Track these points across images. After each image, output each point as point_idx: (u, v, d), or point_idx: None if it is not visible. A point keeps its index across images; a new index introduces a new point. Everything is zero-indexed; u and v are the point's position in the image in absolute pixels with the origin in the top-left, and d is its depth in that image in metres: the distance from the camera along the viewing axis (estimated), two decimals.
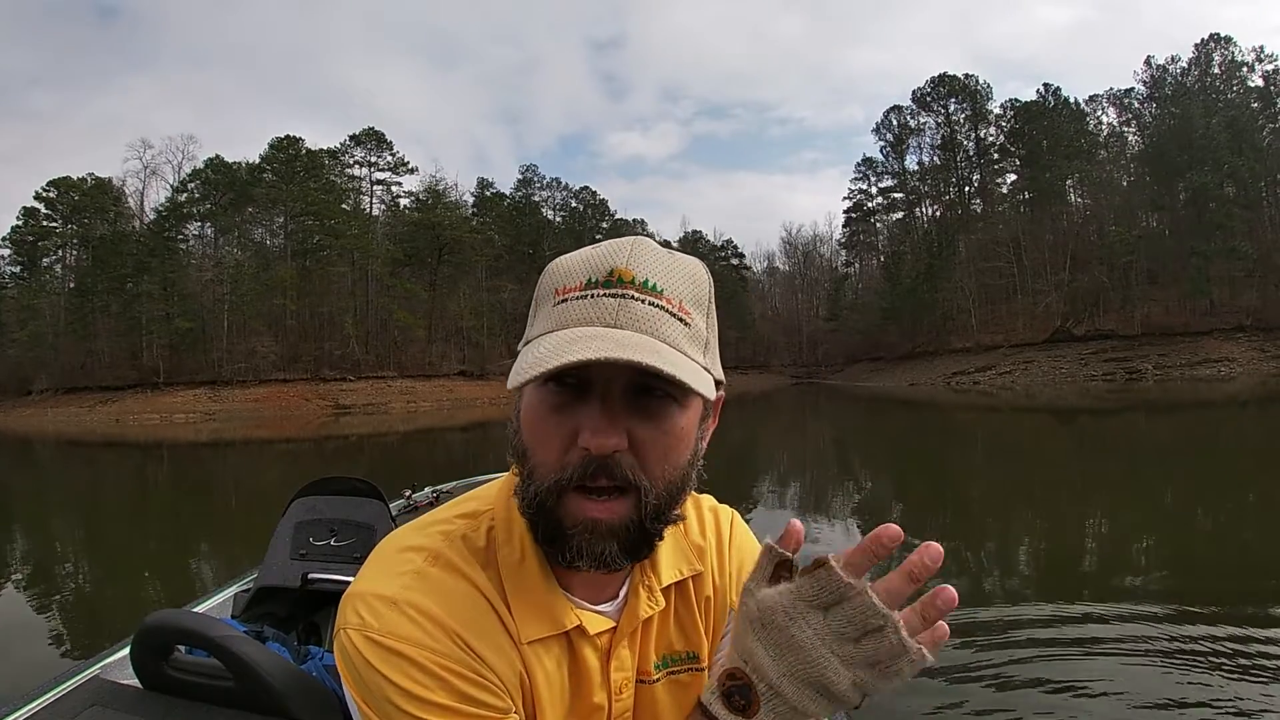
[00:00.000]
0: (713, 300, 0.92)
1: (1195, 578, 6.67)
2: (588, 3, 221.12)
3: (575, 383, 0.83)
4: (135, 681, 2.08)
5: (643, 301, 0.85)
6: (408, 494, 4.39)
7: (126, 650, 2.13)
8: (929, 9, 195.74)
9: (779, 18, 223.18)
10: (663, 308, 0.85)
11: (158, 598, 7.81)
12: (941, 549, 0.71)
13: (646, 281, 0.86)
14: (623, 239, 0.90)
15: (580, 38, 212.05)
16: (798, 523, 0.77)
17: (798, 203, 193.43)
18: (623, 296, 0.84)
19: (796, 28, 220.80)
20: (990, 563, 7.94)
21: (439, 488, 4.61)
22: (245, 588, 3.17)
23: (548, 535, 0.87)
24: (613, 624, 0.98)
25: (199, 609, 2.89)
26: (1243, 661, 4.65)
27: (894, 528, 0.71)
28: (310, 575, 2.98)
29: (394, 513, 3.46)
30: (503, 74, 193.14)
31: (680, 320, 0.86)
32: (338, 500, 3.31)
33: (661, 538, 0.92)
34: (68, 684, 2.12)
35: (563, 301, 0.86)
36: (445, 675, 0.84)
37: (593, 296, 0.85)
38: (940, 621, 0.73)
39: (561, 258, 0.91)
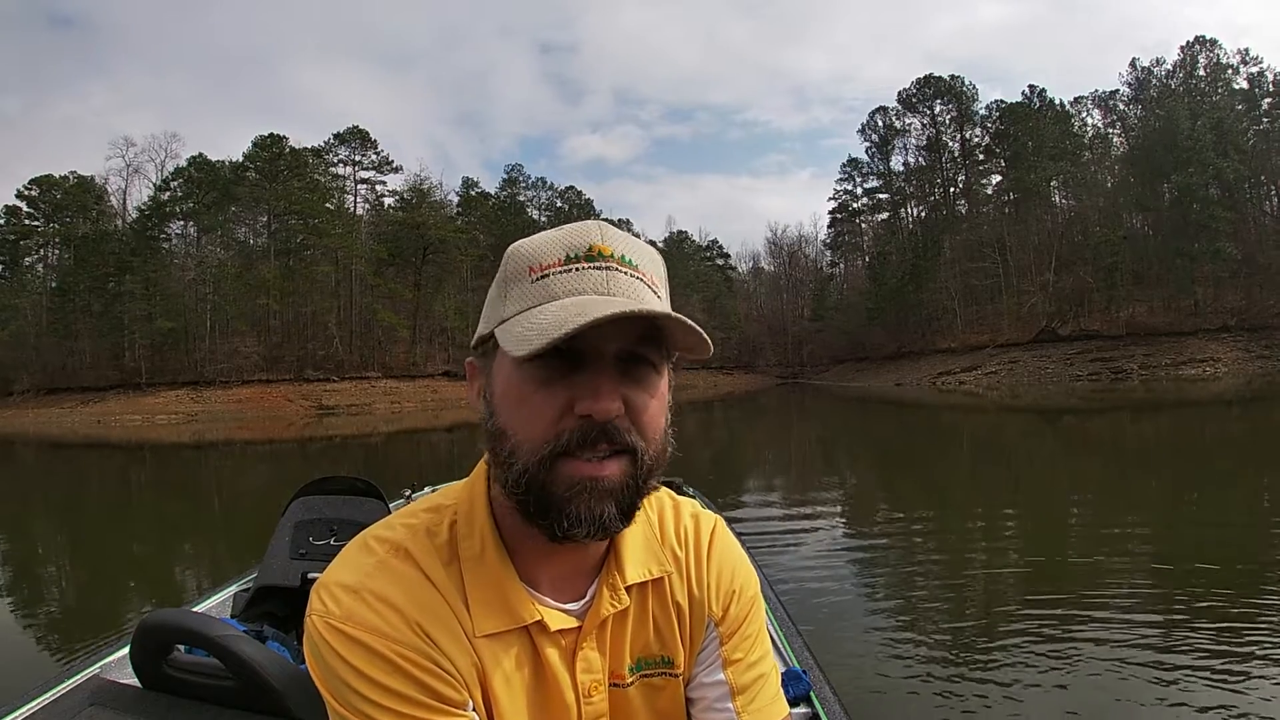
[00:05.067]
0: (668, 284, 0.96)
1: (1181, 568, 6.72)
2: (537, 9, 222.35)
3: (566, 355, 0.83)
4: (134, 681, 2.07)
5: (625, 274, 0.88)
6: (407, 494, 4.37)
7: (126, 650, 2.11)
8: (871, 8, 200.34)
9: (726, 21, 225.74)
10: (642, 280, 0.89)
11: (144, 600, 7.75)
12: None
13: (624, 257, 0.89)
14: (585, 222, 0.92)
15: (532, 43, 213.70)
16: None
17: (768, 205, 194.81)
18: (607, 269, 0.87)
19: (744, 30, 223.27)
20: (982, 555, 7.96)
21: (438, 487, 4.56)
22: (245, 587, 3.17)
23: (541, 507, 0.86)
24: (577, 623, 0.97)
25: (198, 608, 2.87)
26: (1230, 649, 4.69)
27: None
28: (310, 575, 2.98)
29: (394, 512, 3.39)
30: (458, 79, 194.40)
31: (655, 294, 0.90)
32: (337, 500, 3.29)
33: (640, 504, 0.92)
34: (67, 683, 2.10)
35: (543, 277, 0.87)
36: (402, 663, 0.84)
37: (577, 270, 0.87)
38: None
39: (523, 241, 0.92)
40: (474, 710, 0.89)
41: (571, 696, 0.97)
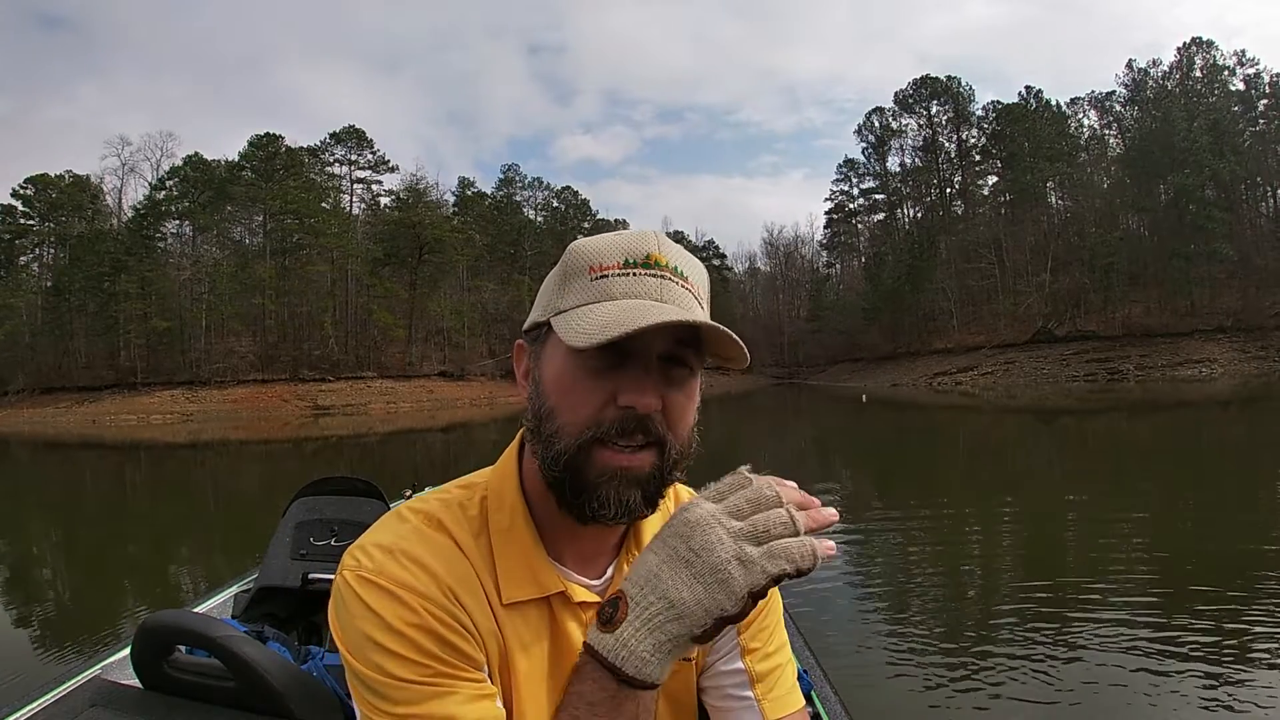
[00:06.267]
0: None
1: (1177, 566, 6.77)
2: (525, 10, 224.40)
3: (616, 351, 0.88)
4: (135, 682, 2.07)
5: (677, 284, 0.94)
6: (408, 494, 4.37)
7: (126, 651, 2.10)
8: (858, 7, 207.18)
9: (714, 21, 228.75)
10: (691, 291, 0.95)
11: (141, 601, 7.74)
12: (836, 515, 0.79)
13: (677, 268, 0.95)
14: (644, 230, 0.97)
15: (520, 44, 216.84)
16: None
17: (761, 205, 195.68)
18: (662, 277, 0.93)
19: (733, 30, 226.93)
20: (979, 554, 7.98)
21: (440, 488, 4.56)
22: (245, 588, 3.16)
23: (574, 488, 0.91)
24: (598, 599, 1.00)
25: (199, 609, 2.87)
26: (1226, 648, 4.73)
27: (830, 513, 0.79)
28: (311, 575, 2.97)
29: None
30: (447, 79, 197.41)
31: (700, 305, 0.96)
32: (338, 500, 3.29)
33: (664, 493, 0.97)
34: (68, 684, 2.10)
35: (602, 277, 0.93)
36: (428, 619, 0.87)
37: (634, 274, 0.92)
38: (830, 541, 0.78)
39: (585, 240, 0.97)
40: (490, 675, 0.92)
41: None
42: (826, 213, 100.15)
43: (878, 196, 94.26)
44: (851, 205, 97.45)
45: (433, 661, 0.86)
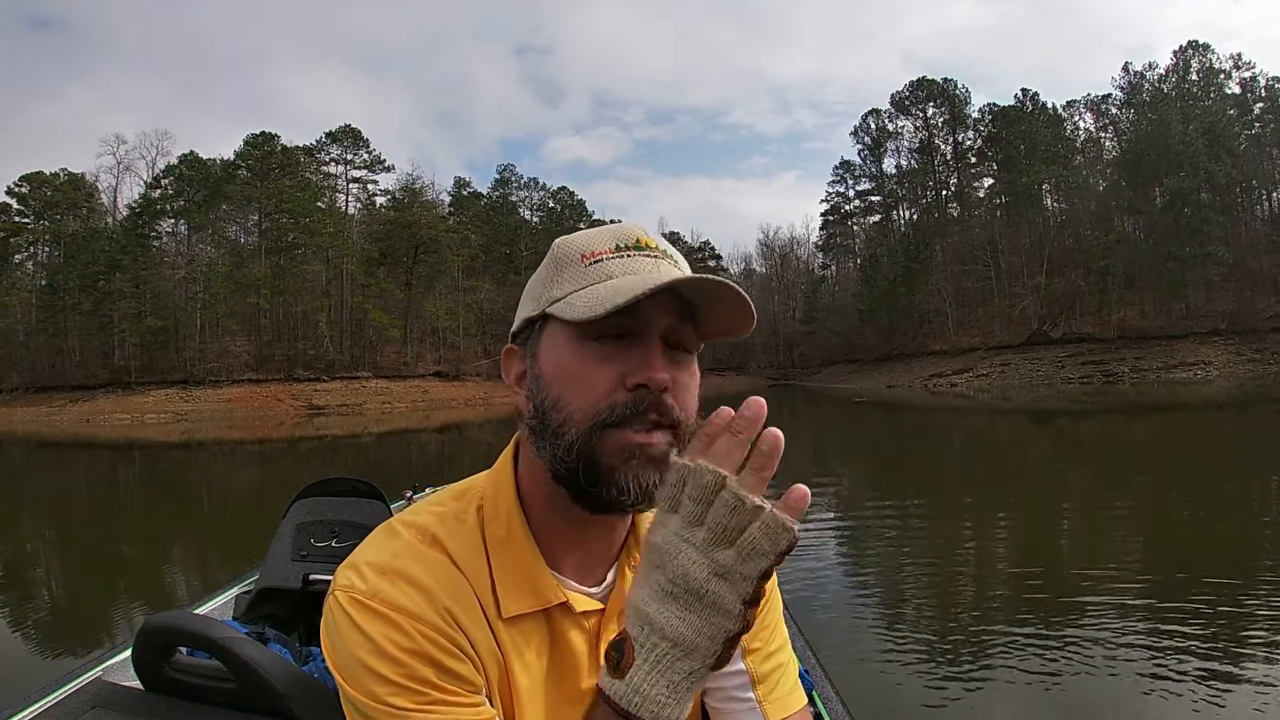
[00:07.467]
0: None
1: (1170, 562, 6.82)
2: (511, 12, 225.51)
3: (619, 333, 0.87)
4: (136, 683, 2.07)
5: (669, 263, 0.94)
6: (408, 494, 4.36)
7: (128, 652, 2.09)
8: (847, 8, 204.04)
9: (702, 22, 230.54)
10: (680, 273, 0.93)
11: (136, 602, 7.72)
12: (764, 402, 0.75)
13: (666, 251, 0.95)
14: (628, 223, 0.97)
15: (508, 45, 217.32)
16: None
17: (753, 207, 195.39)
18: (654, 258, 0.93)
19: (721, 31, 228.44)
20: (977, 554, 7.99)
21: (439, 488, 4.55)
22: (246, 589, 3.15)
23: (590, 475, 0.87)
24: (600, 606, 0.99)
25: (200, 610, 2.85)
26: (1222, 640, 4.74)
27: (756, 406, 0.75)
28: (312, 576, 2.95)
29: (395, 513, 3.38)
30: (436, 80, 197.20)
31: None
32: (339, 501, 3.27)
33: None
34: (69, 686, 2.09)
35: (596, 262, 0.92)
36: (423, 643, 0.84)
37: (627, 256, 0.92)
38: (797, 486, 0.73)
39: (570, 235, 0.97)
40: (488, 696, 0.89)
41: (592, 680, 0.96)
42: (822, 214, 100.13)
43: (874, 198, 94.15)
44: (847, 207, 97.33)
45: (428, 688, 0.83)
